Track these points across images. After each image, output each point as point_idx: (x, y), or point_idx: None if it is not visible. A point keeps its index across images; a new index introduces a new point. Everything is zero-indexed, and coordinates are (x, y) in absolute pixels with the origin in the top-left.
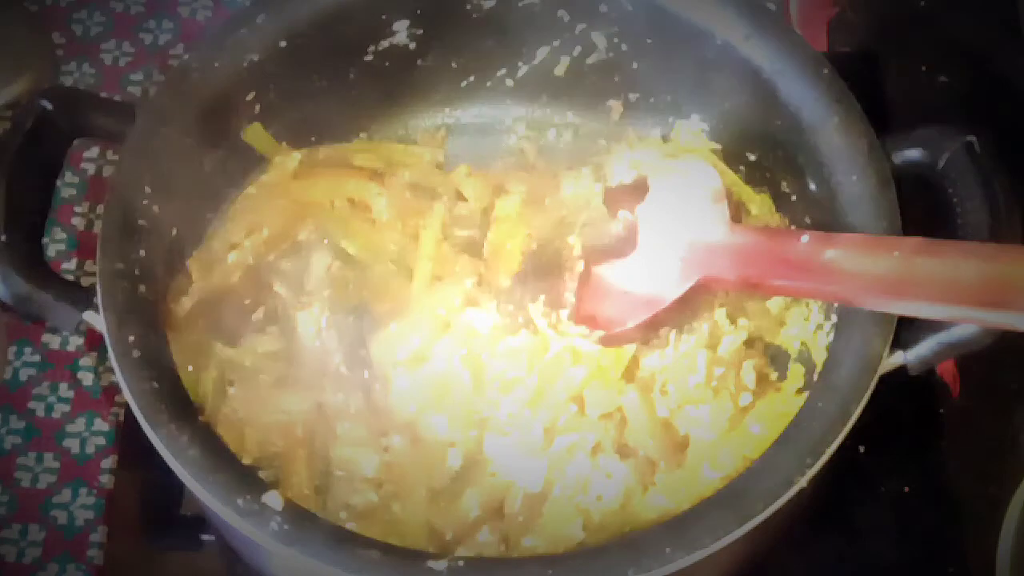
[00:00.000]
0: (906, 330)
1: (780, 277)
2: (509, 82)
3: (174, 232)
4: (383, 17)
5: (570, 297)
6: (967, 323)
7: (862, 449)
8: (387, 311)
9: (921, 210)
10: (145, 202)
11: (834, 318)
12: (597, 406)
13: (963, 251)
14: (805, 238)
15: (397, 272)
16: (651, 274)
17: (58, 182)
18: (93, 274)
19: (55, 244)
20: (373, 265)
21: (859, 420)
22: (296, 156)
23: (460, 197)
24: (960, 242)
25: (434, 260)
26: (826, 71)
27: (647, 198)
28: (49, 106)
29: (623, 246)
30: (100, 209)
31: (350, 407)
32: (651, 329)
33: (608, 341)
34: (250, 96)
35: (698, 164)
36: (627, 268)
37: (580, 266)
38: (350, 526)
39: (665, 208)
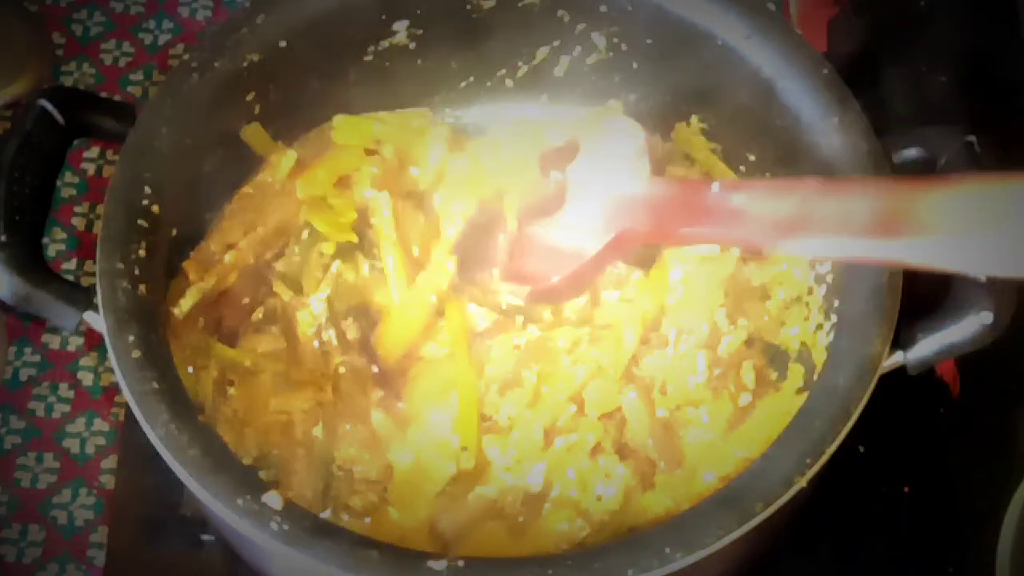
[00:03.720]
0: (906, 330)
1: (692, 224)
2: (509, 82)
3: (174, 232)
4: (383, 17)
5: (502, 256)
6: (861, 261)
7: (862, 449)
8: (386, 309)
9: None
10: (145, 202)
11: (834, 318)
12: (597, 406)
13: (855, 188)
14: (716, 186)
15: (396, 272)
16: (576, 230)
17: (58, 182)
18: (93, 274)
19: (55, 244)
20: (373, 265)
21: (859, 420)
22: (292, 155)
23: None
24: (853, 180)
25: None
26: (826, 71)
27: (577, 158)
28: (49, 106)
29: (554, 205)
30: (100, 209)
31: (350, 407)
32: (579, 285)
33: (535, 296)
34: (250, 96)
35: (624, 123)
36: (555, 226)
37: (514, 226)
38: (350, 526)
39: (592, 166)
